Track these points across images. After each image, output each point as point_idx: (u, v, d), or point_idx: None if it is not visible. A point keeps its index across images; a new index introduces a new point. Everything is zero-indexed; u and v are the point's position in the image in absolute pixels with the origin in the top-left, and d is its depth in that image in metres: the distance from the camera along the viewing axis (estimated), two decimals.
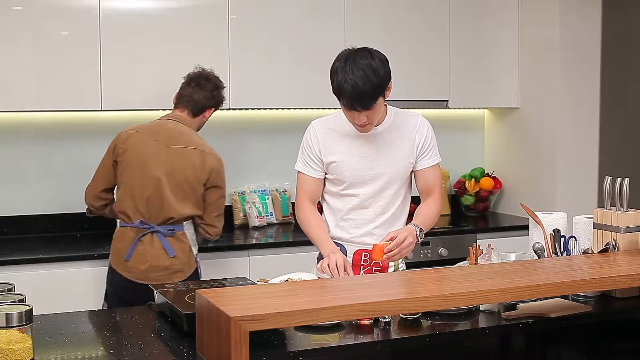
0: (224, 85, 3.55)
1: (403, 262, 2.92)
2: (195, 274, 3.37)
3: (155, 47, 3.86)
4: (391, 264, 2.84)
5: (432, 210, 2.85)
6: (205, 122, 3.52)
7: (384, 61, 2.68)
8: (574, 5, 4.40)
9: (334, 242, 2.85)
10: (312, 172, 2.87)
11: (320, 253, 2.87)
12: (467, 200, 4.73)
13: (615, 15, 4.91)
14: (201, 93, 3.42)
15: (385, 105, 2.83)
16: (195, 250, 3.41)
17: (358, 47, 2.71)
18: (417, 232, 2.74)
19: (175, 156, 3.29)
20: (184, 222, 3.33)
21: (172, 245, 3.28)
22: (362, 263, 2.81)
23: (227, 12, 3.97)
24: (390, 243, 2.65)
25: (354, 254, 2.83)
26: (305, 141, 2.89)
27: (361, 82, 2.58)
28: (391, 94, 2.78)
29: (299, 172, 2.91)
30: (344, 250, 2.83)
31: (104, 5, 3.75)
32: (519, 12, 4.61)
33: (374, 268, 2.81)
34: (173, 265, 3.27)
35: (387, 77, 2.67)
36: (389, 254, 2.65)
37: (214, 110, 3.51)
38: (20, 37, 3.63)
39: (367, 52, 2.67)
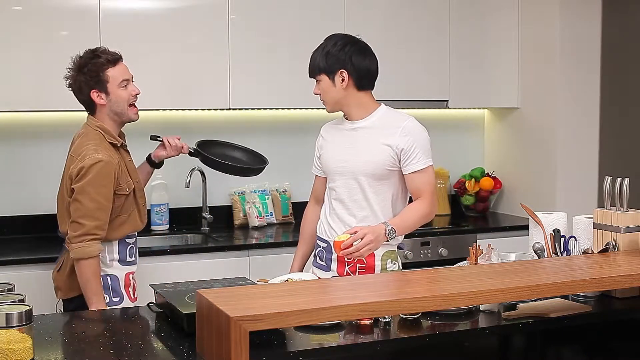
0: (94, 50, 3.01)
1: (394, 262, 2.89)
2: (80, 298, 2.88)
3: (155, 47, 3.86)
4: (377, 262, 2.84)
5: (416, 212, 2.83)
6: (106, 105, 2.96)
7: (343, 50, 2.81)
8: (574, 5, 4.40)
9: (322, 239, 2.94)
10: (316, 171, 3.07)
11: (317, 251, 2.98)
12: (467, 200, 4.73)
13: (615, 15, 4.91)
14: (74, 92, 2.99)
15: (380, 103, 2.91)
16: None
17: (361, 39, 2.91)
18: (386, 231, 2.73)
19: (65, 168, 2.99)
20: None
21: (65, 261, 2.95)
22: (345, 260, 2.85)
23: (227, 12, 3.98)
24: (349, 237, 2.68)
25: None
26: None
27: (314, 53, 2.89)
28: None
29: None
30: (329, 248, 2.89)
31: (104, 5, 3.75)
32: (519, 12, 4.62)
33: (357, 265, 2.84)
34: (55, 281, 3.02)
35: (335, 61, 2.80)
36: (345, 250, 2.67)
37: (98, 89, 2.93)
38: (20, 37, 3.64)
39: (335, 36, 2.89)
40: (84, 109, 3.04)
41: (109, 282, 2.93)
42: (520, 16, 4.61)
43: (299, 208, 3.93)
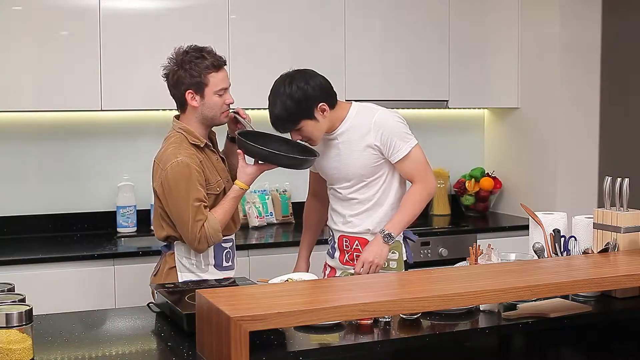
0: (201, 49, 2.88)
1: (394, 252, 2.93)
2: None
3: (155, 47, 3.85)
4: None
5: (411, 201, 2.89)
6: (198, 108, 2.84)
7: (304, 87, 2.77)
8: (574, 5, 4.40)
9: (330, 227, 3.07)
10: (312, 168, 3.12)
11: (329, 238, 3.08)
12: (467, 200, 4.73)
13: (615, 15, 4.91)
14: (169, 85, 2.89)
15: (350, 102, 2.96)
16: (185, 275, 2.86)
17: (294, 69, 2.85)
18: (383, 239, 2.83)
19: None
20: (173, 242, 2.89)
21: (160, 265, 2.96)
22: (344, 248, 2.99)
23: (227, 12, 3.97)
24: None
25: (338, 239, 3.01)
26: None
27: (276, 110, 2.79)
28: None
29: None
30: (333, 238, 3.03)
31: (104, 5, 3.75)
32: (519, 12, 4.62)
33: (354, 253, 2.95)
34: (151, 285, 2.91)
35: (308, 100, 2.77)
36: (366, 272, 2.79)
37: (195, 90, 2.82)
38: (20, 37, 3.63)
39: (287, 78, 2.81)
40: (177, 106, 2.92)
41: None
42: (520, 16, 4.61)
43: (299, 208, 3.93)
